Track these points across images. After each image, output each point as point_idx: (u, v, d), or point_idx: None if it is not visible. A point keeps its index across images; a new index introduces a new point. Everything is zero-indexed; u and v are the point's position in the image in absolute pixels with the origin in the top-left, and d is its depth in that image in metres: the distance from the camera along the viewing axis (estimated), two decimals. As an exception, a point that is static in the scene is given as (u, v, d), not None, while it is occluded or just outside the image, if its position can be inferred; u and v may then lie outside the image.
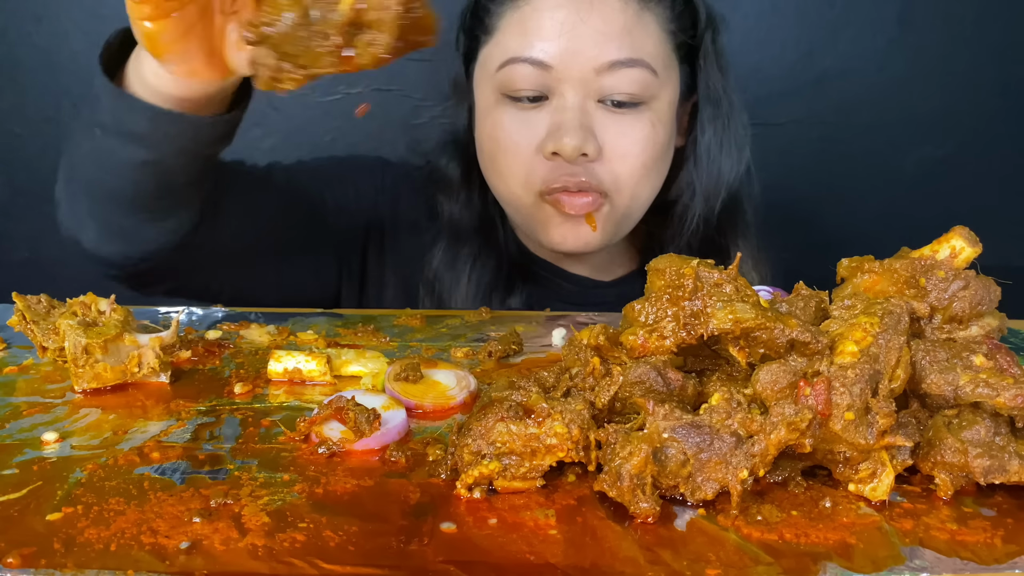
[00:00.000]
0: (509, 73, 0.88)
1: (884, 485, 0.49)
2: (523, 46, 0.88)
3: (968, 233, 0.59)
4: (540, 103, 0.89)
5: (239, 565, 0.41)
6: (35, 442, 0.54)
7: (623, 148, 0.89)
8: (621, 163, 0.90)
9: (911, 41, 1.47)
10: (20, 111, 1.42)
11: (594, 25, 0.86)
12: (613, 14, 0.87)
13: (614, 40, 0.86)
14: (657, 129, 0.91)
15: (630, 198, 0.93)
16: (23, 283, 0.75)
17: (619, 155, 0.89)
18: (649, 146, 0.90)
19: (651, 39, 0.89)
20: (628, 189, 0.91)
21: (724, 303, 0.52)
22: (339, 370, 0.67)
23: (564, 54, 0.86)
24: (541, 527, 0.46)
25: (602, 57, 0.86)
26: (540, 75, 0.87)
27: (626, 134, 0.89)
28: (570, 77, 0.87)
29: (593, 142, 0.88)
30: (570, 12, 0.86)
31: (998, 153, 1.54)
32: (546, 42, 0.86)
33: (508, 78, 0.89)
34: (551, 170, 0.89)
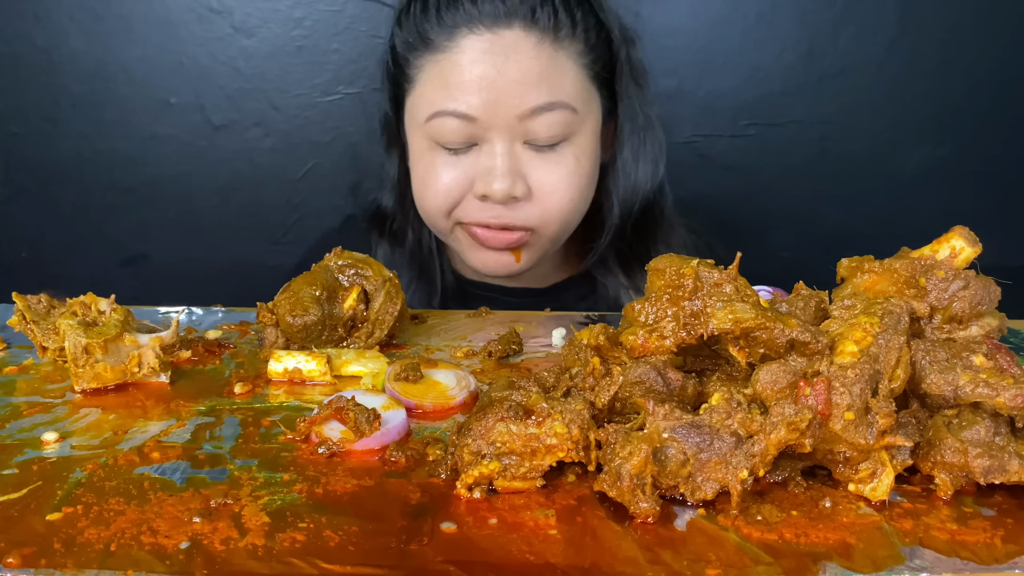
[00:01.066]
0: (437, 125, 0.93)
1: (884, 485, 0.49)
2: (447, 99, 0.92)
3: (968, 233, 0.59)
4: (467, 149, 0.94)
5: (239, 565, 0.41)
6: (35, 442, 0.54)
7: (550, 186, 0.94)
8: (549, 199, 0.95)
9: (911, 41, 1.47)
10: (20, 111, 1.42)
11: (512, 76, 0.90)
12: (529, 62, 0.90)
13: (532, 88, 0.90)
14: (582, 162, 0.96)
15: (557, 229, 0.98)
16: (23, 283, 0.75)
17: (547, 192, 0.94)
18: (575, 180, 0.96)
19: (568, 78, 0.93)
20: (556, 224, 0.97)
21: (724, 303, 0.52)
22: (339, 370, 0.67)
23: (487, 105, 0.90)
24: (541, 527, 0.46)
25: (523, 105, 0.90)
26: (466, 126, 0.91)
27: (553, 172, 0.94)
28: (495, 125, 0.91)
29: (522, 184, 0.93)
30: (488, 66, 0.90)
31: (998, 153, 1.54)
32: (469, 96, 0.90)
33: (436, 129, 0.93)
34: (479, 210, 0.95)
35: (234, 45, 1.43)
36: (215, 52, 1.43)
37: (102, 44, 1.40)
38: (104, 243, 1.48)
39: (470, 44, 0.91)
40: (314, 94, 1.45)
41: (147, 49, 1.41)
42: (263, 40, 1.43)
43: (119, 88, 1.42)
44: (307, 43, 1.44)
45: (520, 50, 0.90)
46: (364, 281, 0.74)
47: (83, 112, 1.42)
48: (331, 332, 0.72)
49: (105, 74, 1.41)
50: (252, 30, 1.43)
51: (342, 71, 1.44)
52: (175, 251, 1.51)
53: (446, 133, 0.93)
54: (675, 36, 1.45)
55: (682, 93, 1.47)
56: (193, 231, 1.50)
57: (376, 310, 0.73)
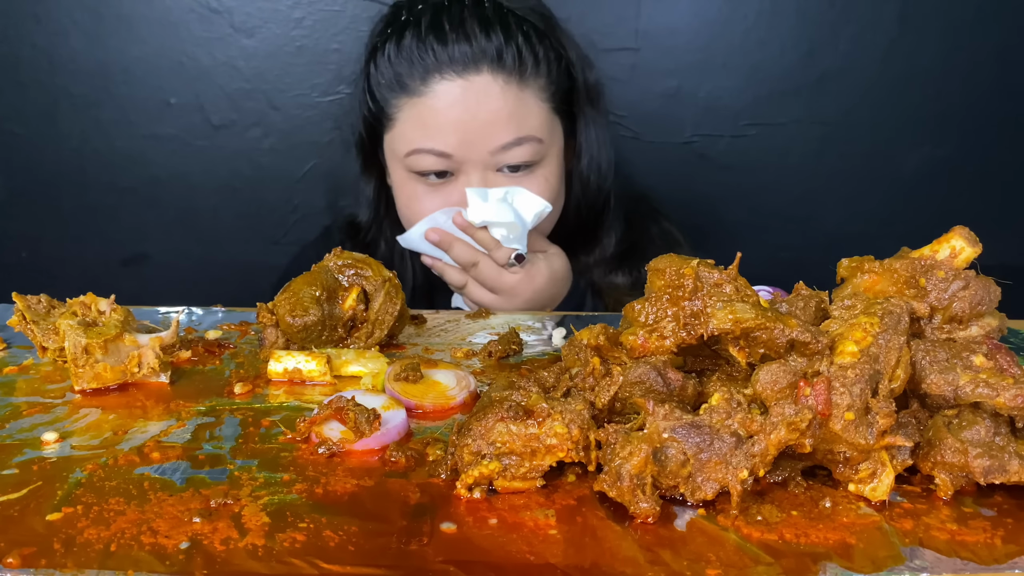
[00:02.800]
0: (416, 160, 1.03)
1: (884, 485, 0.49)
2: (424, 138, 1.02)
3: (968, 233, 0.59)
4: (447, 179, 1.04)
5: (239, 565, 0.41)
6: (35, 442, 0.54)
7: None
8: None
9: (911, 41, 1.47)
10: (20, 111, 1.42)
11: (483, 118, 1.00)
12: (498, 104, 1.00)
13: (502, 126, 1.01)
14: (551, 181, 1.07)
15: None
16: (23, 283, 0.75)
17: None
18: (545, 197, 1.05)
19: (533, 114, 1.03)
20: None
21: (724, 303, 0.52)
22: (339, 370, 0.67)
23: (461, 145, 1.01)
24: (541, 527, 0.46)
25: (495, 142, 1.01)
26: (443, 161, 1.02)
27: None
28: (470, 159, 1.01)
29: None
30: (461, 111, 1.00)
31: (998, 153, 1.54)
32: (445, 135, 1.01)
33: (415, 163, 1.03)
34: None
35: (234, 45, 1.43)
36: (215, 52, 1.43)
37: (102, 44, 1.40)
38: (104, 243, 1.48)
39: (444, 89, 1.01)
40: (314, 94, 1.45)
41: (147, 49, 1.41)
42: (263, 40, 1.43)
43: (119, 88, 1.42)
44: (307, 43, 1.44)
45: (490, 94, 1.00)
46: (364, 281, 0.74)
47: (83, 112, 1.42)
48: (331, 332, 0.72)
49: (105, 74, 1.42)
50: (252, 30, 1.43)
51: (342, 71, 1.44)
52: (175, 251, 1.51)
53: (425, 166, 1.03)
54: (675, 36, 1.45)
55: (682, 93, 1.47)
56: (193, 231, 1.51)
57: (376, 310, 0.73)
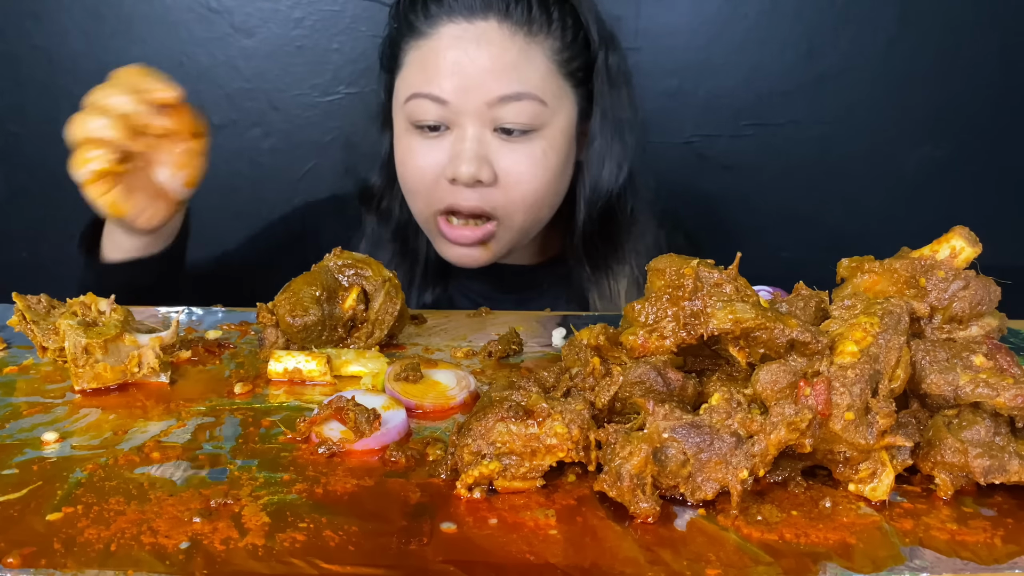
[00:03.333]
0: (414, 106, 0.98)
1: (884, 485, 0.49)
2: (423, 82, 0.97)
3: (968, 233, 0.59)
4: (442, 132, 0.98)
5: (239, 565, 0.41)
6: (35, 442, 0.54)
7: (516, 174, 0.98)
8: (515, 189, 0.98)
9: (911, 41, 1.47)
10: (20, 111, 1.42)
11: (482, 64, 0.95)
12: (499, 52, 0.95)
13: (502, 76, 0.95)
14: (549, 156, 0.99)
15: (523, 219, 1.01)
16: (23, 283, 0.75)
17: (512, 180, 0.98)
18: (540, 172, 0.99)
19: (537, 72, 0.97)
20: (521, 212, 1.00)
21: (724, 303, 0.52)
22: (339, 370, 0.67)
23: (458, 91, 0.95)
24: (541, 527, 0.46)
25: (491, 92, 0.95)
26: (439, 109, 0.96)
27: (520, 162, 0.98)
28: (465, 110, 0.96)
29: (487, 169, 0.96)
30: (461, 53, 0.95)
31: (998, 153, 1.54)
32: (443, 79, 0.96)
33: (413, 110, 0.98)
34: (450, 193, 0.99)
35: (234, 45, 1.43)
36: (215, 52, 1.43)
37: (102, 44, 1.40)
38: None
39: (447, 31, 0.96)
40: (314, 94, 1.45)
41: (147, 49, 1.41)
42: (263, 40, 1.43)
43: (119, 88, 1.42)
44: (307, 43, 1.44)
45: (492, 40, 0.95)
46: (364, 281, 0.74)
47: (83, 112, 1.42)
48: (331, 332, 0.72)
49: (105, 74, 1.41)
50: (252, 30, 1.43)
51: (342, 71, 1.44)
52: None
53: (421, 114, 0.98)
54: (675, 36, 1.45)
55: (682, 93, 1.47)
56: (193, 231, 1.50)
57: (376, 310, 0.73)
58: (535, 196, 1.00)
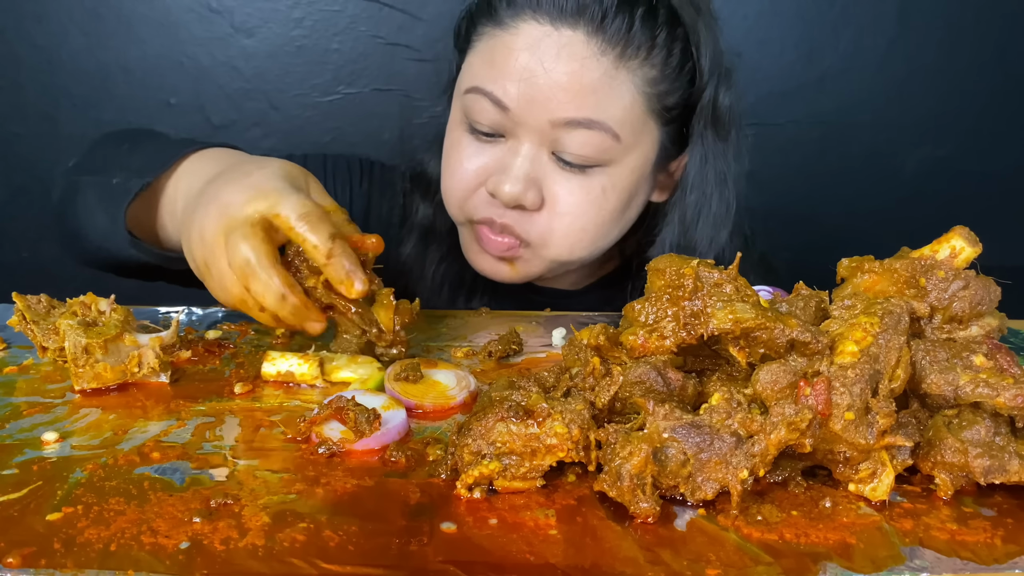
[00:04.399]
0: (472, 101, 0.86)
1: (884, 485, 0.49)
2: (487, 79, 0.85)
3: (968, 233, 0.59)
4: (495, 140, 0.87)
5: (239, 565, 0.41)
6: (35, 442, 0.54)
7: (565, 206, 0.86)
8: (559, 220, 0.86)
9: (911, 41, 1.47)
10: (20, 111, 1.42)
11: (557, 78, 0.81)
12: (580, 70, 0.81)
13: (576, 98, 0.82)
14: (608, 195, 0.87)
15: (557, 254, 0.89)
16: (23, 283, 0.75)
17: (559, 212, 0.86)
18: (594, 211, 0.87)
19: (620, 101, 0.83)
20: (558, 247, 0.88)
21: (724, 303, 0.52)
22: (330, 375, 0.66)
23: (522, 100, 0.83)
24: (541, 527, 0.46)
25: (559, 112, 0.82)
26: (498, 113, 0.84)
27: (573, 193, 0.86)
28: (526, 124, 0.84)
29: (534, 194, 0.85)
30: (535, 60, 0.82)
31: (998, 153, 1.54)
32: (508, 83, 0.83)
33: (470, 105, 0.87)
34: (487, 205, 0.88)
35: (234, 45, 1.43)
36: (215, 52, 1.43)
37: (102, 44, 1.40)
38: (104, 243, 1.48)
39: (527, 30, 0.83)
40: (314, 94, 1.45)
41: (147, 49, 1.41)
42: (263, 40, 1.43)
43: (119, 88, 1.42)
44: (307, 43, 1.44)
45: (575, 54, 0.82)
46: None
47: (83, 112, 1.42)
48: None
49: (105, 74, 1.42)
50: (252, 30, 1.43)
51: (342, 71, 1.44)
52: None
53: (477, 113, 0.86)
54: (675, 36, 1.45)
55: (682, 93, 1.47)
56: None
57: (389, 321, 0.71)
58: (580, 235, 0.87)
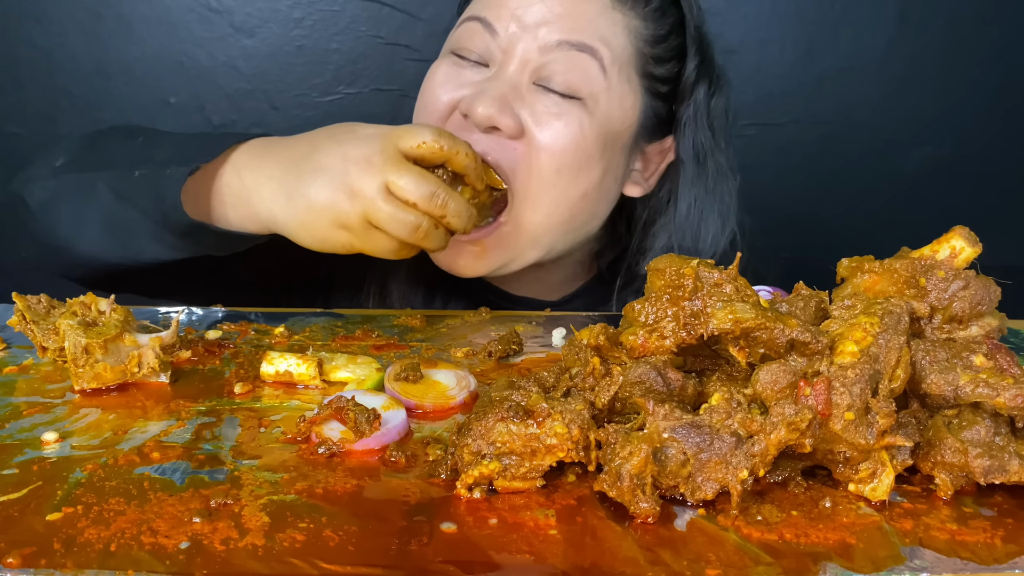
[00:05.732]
0: (463, 29, 0.86)
1: (884, 485, 0.49)
2: (483, 7, 0.86)
3: (968, 233, 0.59)
4: (479, 68, 0.86)
5: (239, 565, 0.41)
6: (35, 442, 0.54)
7: (543, 138, 0.82)
8: (536, 153, 0.82)
9: (911, 41, 1.47)
10: (20, 111, 1.42)
11: (553, 7, 0.83)
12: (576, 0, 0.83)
13: (568, 21, 0.82)
14: (586, 133, 0.83)
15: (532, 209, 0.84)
16: (23, 283, 0.75)
17: (536, 144, 0.82)
18: (572, 147, 0.82)
19: (613, 40, 0.84)
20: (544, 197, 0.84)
21: (724, 303, 0.52)
22: (328, 375, 0.66)
23: (513, 23, 0.83)
24: (541, 527, 0.46)
25: (551, 36, 0.82)
26: (487, 38, 0.84)
27: (552, 126, 0.82)
28: (513, 51, 0.83)
29: (510, 117, 0.81)
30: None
31: (998, 153, 1.54)
32: (502, 8, 0.84)
33: (460, 34, 0.86)
34: (461, 131, 0.81)
35: (234, 45, 1.43)
36: (215, 52, 1.43)
37: (102, 44, 1.40)
38: (104, 243, 1.48)
39: None
40: (314, 94, 1.45)
41: (147, 49, 1.41)
42: (263, 40, 1.43)
43: (119, 88, 1.42)
44: (307, 43, 1.44)
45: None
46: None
47: (83, 112, 1.42)
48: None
49: (105, 74, 1.42)
50: (252, 30, 1.43)
51: (342, 71, 1.44)
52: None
53: (467, 39, 0.85)
54: (675, 36, 1.45)
55: (682, 93, 1.47)
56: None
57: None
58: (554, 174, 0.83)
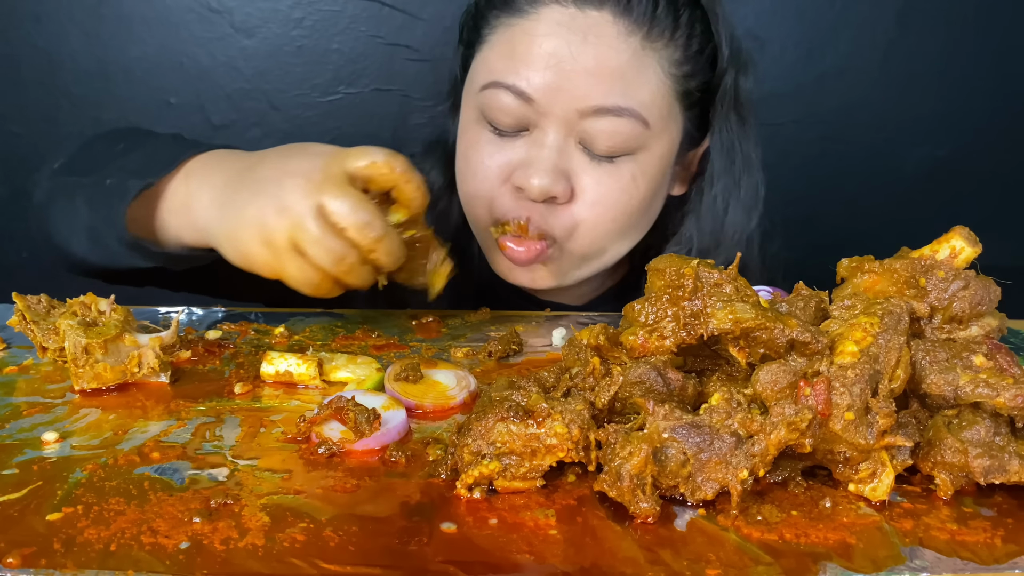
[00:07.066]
0: (491, 97, 0.83)
1: (884, 485, 0.49)
2: (507, 71, 0.82)
3: (968, 233, 0.59)
4: (519, 134, 0.84)
5: (239, 565, 0.41)
6: (35, 442, 0.54)
7: (595, 195, 0.83)
8: (589, 210, 0.84)
9: (911, 41, 1.47)
10: (20, 111, 1.42)
11: (584, 63, 0.79)
12: (608, 52, 0.80)
13: (604, 83, 0.80)
14: (639, 183, 0.84)
15: (589, 246, 0.87)
16: (23, 283, 0.75)
17: (589, 202, 0.83)
18: (626, 200, 0.84)
19: (648, 85, 0.82)
20: (587, 239, 0.86)
21: (724, 303, 0.52)
22: (328, 375, 0.66)
23: (548, 89, 0.80)
24: (541, 527, 0.46)
25: (588, 100, 0.80)
26: (521, 106, 0.81)
27: (603, 183, 0.83)
28: (552, 113, 0.81)
29: (563, 184, 0.82)
30: (561, 44, 0.80)
31: (998, 153, 1.54)
32: (532, 72, 0.80)
33: (488, 101, 0.83)
34: (513, 201, 0.84)
35: (234, 45, 1.43)
36: (215, 52, 1.43)
37: (102, 44, 1.40)
38: (104, 243, 1.48)
39: (549, 15, 0.81)
40: (314, 94, 1.45)
41: (147, 49, 1.41)
42: (263, 40, 1.43)
43: (119, 88, 1.42)
44: (307, 43, 1.43)
45: (602, 37, 0.79)
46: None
47: (83, 112, 1.42)
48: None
49: (105, 74, 1.41)
50: (252, 30, 1.43)
51: (342, 71, 1.44)
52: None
53: (498, 109, 0.82)
54: (675, 36, 1.45)
55: (682, 93, 1.47)
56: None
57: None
58: (612, 224, 0.85)
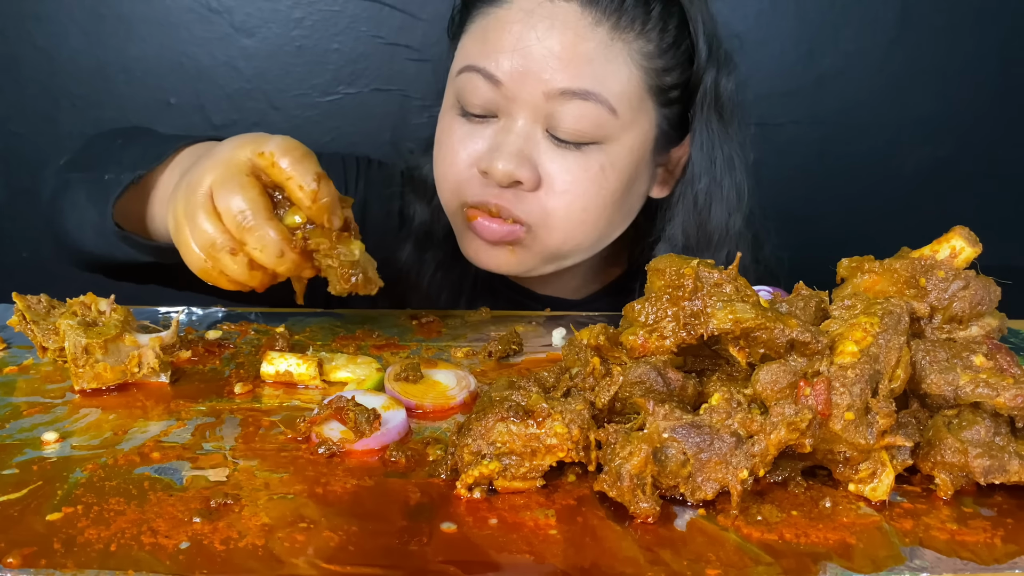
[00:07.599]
0: (464, 81, 0.85)
1: (884, 485, 0.49)
2: (479, 55, 0.84)
3: (968, 233, 0.59)
4: (489, 120, 0.85)
5: (239, 565, 0.41)
6: (35, 442, 0.54)
7: (562, 184, 0.83)
8: (557, 199, 0.83)
9: (911, 41, 1.47)
10: (20, 111, 1.42)
11: (550, 46, 0.81)
12: (575, 39, 0.81)
13: (570, 67, 0.80)
14: (608, 174, 0.84)
15: (560, 240, 0.86)
16: (23, 283, 0.75)
17: (557, 190, 0.83)
18: (594, 190, 0.84)
19: (617, 75, 0.82)
20: (560, 229, 0.85)
21: (724, 303, 0.52)
22: (328, 375, 0.66)
23: (515, 72, 0.81)
24: (541, 527, 0.46)
25: (554, 83, 0.80)
26: (491, 89, 0.83)
27: (570, 171, 0.83)
28: (519, 98, 0.82)
29: (529, 170, 0.82)
30: (528, 29, 0.81)
31: (998, 153, 1.54)
32: (501, 56, 0.82)
33: (462, 86, 0.85)
34: (481, 187, 0.85)
35: (234, 45, 1.43)
36: (215, 52, 1.43)
37: (102, 44, 1.40)
38: (104, 243, 1.48)
39: (520, 3, 0.83)
40: (314, 94, 1.45)
41: (147, 49, 1.41)
42: (263, 40, 1.43)
43: (119, 88, 1.42)
44: (307, 43, 1.44)
45: (569, 24, 0.81)
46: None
47: (83, 112, 1.42)
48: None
49: (105, 74, 1.42)
50: (252, 30, 1.43)
51: (342, 71, 1.44)
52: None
53: (470, 92, 0.84)
54: (675, 36, 1.45)
55: (682, 93, 1.47)
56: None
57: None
58: (581, 215, 0.84)
